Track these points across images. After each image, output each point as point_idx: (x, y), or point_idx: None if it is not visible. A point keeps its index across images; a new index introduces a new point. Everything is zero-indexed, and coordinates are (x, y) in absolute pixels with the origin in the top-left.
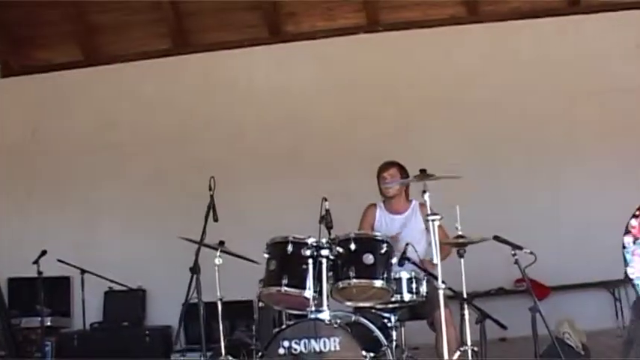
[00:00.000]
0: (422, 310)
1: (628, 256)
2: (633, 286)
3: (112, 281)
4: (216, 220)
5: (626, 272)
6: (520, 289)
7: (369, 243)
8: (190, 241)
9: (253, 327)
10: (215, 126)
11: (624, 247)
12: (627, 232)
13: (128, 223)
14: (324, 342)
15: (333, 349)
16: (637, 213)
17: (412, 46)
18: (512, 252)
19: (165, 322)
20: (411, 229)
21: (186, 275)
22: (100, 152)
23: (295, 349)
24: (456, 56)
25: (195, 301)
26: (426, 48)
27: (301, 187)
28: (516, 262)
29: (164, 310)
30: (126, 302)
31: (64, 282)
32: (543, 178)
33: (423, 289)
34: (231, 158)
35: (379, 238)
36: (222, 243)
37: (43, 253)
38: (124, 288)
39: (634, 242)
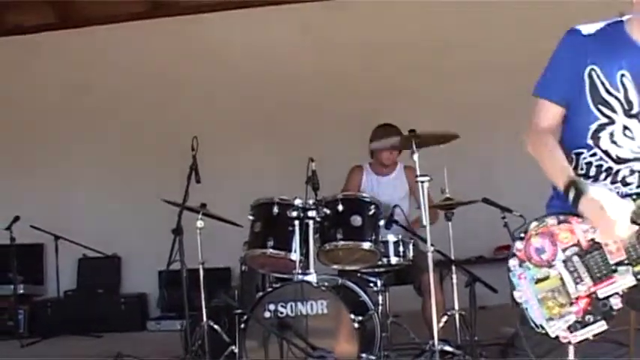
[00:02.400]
0: (408, 275)
1: (514, 280)
2: (521, 310)
3: (86, 247)
4: (198, 181)
5: (512, 296)
6: (500, 257)
7: (356, 204)
8: (172, 203)
9: (235, 293)
10: (191, 90)
11: (510, 271)
12: (513, 255)
13: (103, 188)
14: (312, 305)
15: (320, 312)
16: (522, 236)
17: (391, 8)
18: (502, 215)
19: (140, 290)
20: (397, 191)
21: (163, 242)
22: (74, 116)
23: (282, 312)
24: (437, 20)
25: (173, 268)
26: (405, 10)
27: (283, 150)
28: (505, 225)
29: (140, 278)
30: (101, 269)
31: (37, 249)
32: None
33: (410, 252)
34: (209, 122)
35: (367, 199)
36: (204, 205)
37: (16, 219)
38: (98, 255)
39: (520, 265)
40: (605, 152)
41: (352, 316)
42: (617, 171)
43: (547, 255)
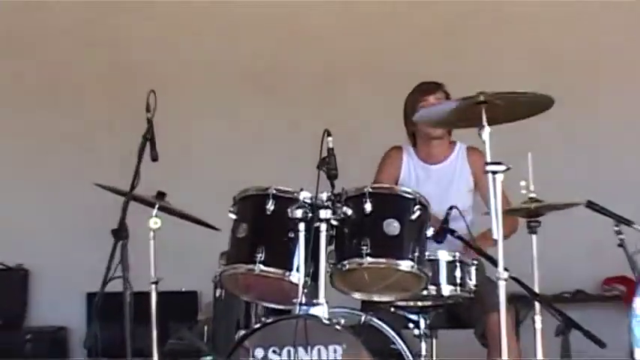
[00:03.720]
0: (467, 314)
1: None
2: None
3: None
4: (154, 158)
5: (633, 356)
6: (611, 294)
7: (393, 203)
8: (112, 190)
9: (205, 329)
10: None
11: (635, 317)
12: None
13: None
14: (319, 351)
15: None
16: None
17: None
18: (616, 227)
19: (58, 321)
20: (456, 186)
21: (95, 250)
22: None
23: None
24: None
25: (111, 289)
26: None
27: (286, 118)
28: (621, 244)
29: (57, 302)
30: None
31: None
32: None
33: (472, 280)
34: (174, 72)
35: (409, 195)
36: (161, 196)
37: None
38: None
39: None
40: None
41: None
42: None
43: None
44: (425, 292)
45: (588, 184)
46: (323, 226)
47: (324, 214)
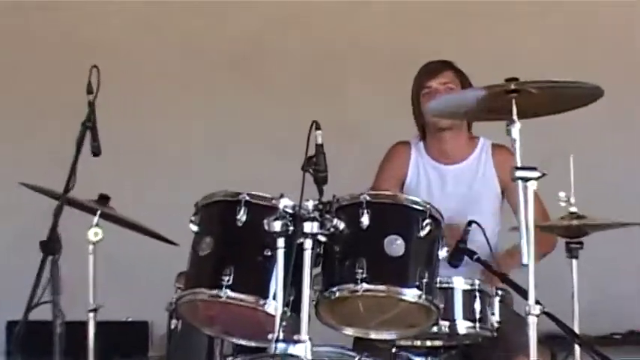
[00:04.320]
0: (488, 356)
1: None
2: None
3: None
4: (96, 152)
5: None
6: None
7: (397, 215)
8: (41, 191)
9: None
10: None
11: None
12: None
13: None
14: None
15: None
16: None
17: None
18: None
19: None
20: (477, 193)
21: (17, 267)
22: None
23: None
24: None
25: (37, 317)
26: None
27: (266, 108)
28: None
29: None
30: None
31: None
32: None
33: (495, 314)
34: (129, 43)
35: (418, 206)
36: (104, 199)
37: None
38: None
39: None
40: None
41: None
42: None
43: None
44: (435, 329)
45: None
46: (308, 243)
47: (310, 227)
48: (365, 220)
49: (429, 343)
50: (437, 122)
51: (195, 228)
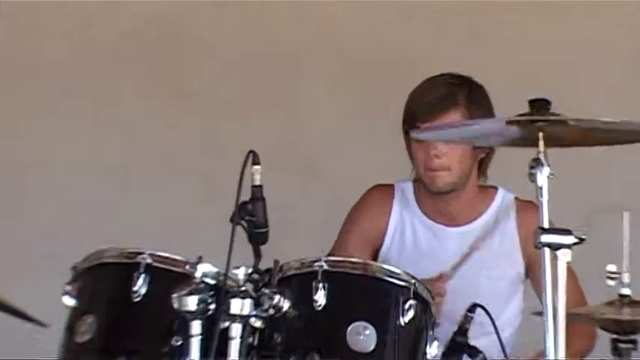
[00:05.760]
0: None
1: None
2: None
3: None
4: None
5: None
6: None
7: (367, 292)
8: None
9: None
10: None
11: None
12: None
13: None
14: None
15: None
16: None
17: None
18: None
19: None
20: (489, 267)
21: None
22: None
23: None
24: None
25: None
26: None
27: (195, 122)
28: None
29: None
30: None
31: None
32: None
33: None
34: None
35: (397, 279)
36: None
37: None
38: None
39: None
40: None
41: None
42: None
43: None
44: None
45: None
46: (236, 329)
47: (239, 306)
48: (320, 298)
49: None
50: (432, 183)
51: (70, 302)
